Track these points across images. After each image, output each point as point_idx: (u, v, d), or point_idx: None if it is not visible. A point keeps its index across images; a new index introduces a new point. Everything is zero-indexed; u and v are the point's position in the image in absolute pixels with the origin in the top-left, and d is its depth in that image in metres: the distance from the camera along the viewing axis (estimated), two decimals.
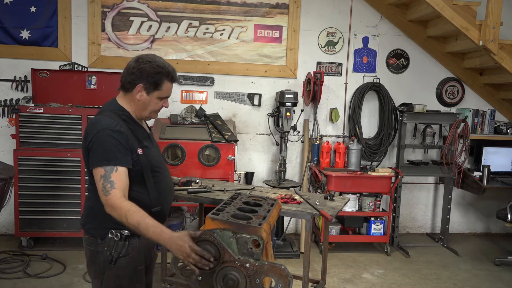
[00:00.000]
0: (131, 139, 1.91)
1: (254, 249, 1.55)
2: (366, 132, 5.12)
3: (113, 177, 1.81)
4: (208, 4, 4.85)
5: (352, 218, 4.76)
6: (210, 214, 1.68)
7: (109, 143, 1.84)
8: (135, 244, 1.93)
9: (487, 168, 4.75)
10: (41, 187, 4.22)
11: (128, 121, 1.96)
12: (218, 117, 4.72)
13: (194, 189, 2.96)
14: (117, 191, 1.79)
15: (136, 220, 1.74)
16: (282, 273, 1.52)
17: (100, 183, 1.81)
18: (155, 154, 2.05)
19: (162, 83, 1.95)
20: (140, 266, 1.99)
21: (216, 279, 1.59)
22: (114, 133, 1.86)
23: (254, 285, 1.55)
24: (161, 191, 2.00)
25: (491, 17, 4.22)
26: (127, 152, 1.88)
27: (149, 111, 2.01)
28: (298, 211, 2.70)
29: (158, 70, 1.93)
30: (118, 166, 1.83)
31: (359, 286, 3.91)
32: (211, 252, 1.60)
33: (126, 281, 1.96)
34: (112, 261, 1.88)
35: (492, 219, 5.40)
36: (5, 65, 4.63)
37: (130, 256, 1.93)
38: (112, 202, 1.78)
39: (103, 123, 1.89)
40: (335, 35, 5.08)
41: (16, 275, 3.73)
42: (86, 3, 4.68)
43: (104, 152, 1.84)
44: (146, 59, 1.95)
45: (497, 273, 4.33)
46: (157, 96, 1.97)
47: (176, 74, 2.01)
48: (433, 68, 5.25)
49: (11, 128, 4.58)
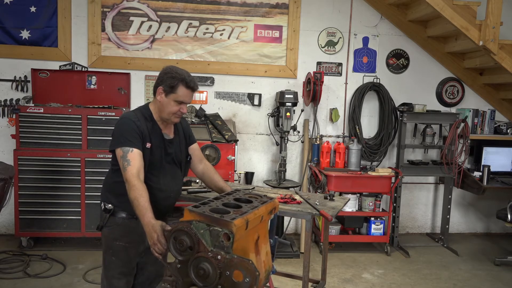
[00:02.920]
0: (144, 133, 2.22)
1: (225, 242, 1.60)
2: (366, 132, 5.12)
3: (129, 156, 2.14)
4: (208, 4, 4.85)
5: (352, 218, 4.76)
6: (189, 207, 1.74)
7: (125, 129, 2.20)
8: (118, 221, 2.28)
9: (487, 168, 4.75)
10: (41, 187, 4.22)
11: (148, 119, 2.29)
12: (218, 117, 4.72)
13: (194, 189, 2.96)
14: (132, 168, 2.11)
15: (134, 196, 2.02)
16: (250, 268, 1.56)
17: (121, 162, 2.15)
18: (161, 155, 2.30)
19: (177, 87, 2.22)
20: (119, 242, 2.29)
21: (190, 267, 1.65)
22: (131, 122, 2.21)
23: (224, 277, 1.60)
24: (151, 187, 2.19)
25: (491, 17, 4.22)
26: (139, 139, 2.20)
27: (167, 113, 2.27)
28: (298, 211, 2.70)
29: (174, 75, 2.23)
30: (134, 148, 2.16)
31: (359, 286, 3.91)
32: (186, 242, 1.67)
33: (105, 250, 2.35)
34: (98, 227, 2.30)
35: (492, 219, 5.40)
36: (5, 65, 4.63)
37: (110, 228, 2.29)
38: (126, 177, 2.10)
39: (125, 115, 2.29)
40: (335, 35, 5.08)
41: (16, 275, 3.73)
42: (86, 3, 4.68)
43: (121, 136, 2.20)
44: (169, 68, 2.28)
45: (497, 273, 4.33)
46: (174, 99, 2.24)
47: (192, 82, 2.25)
48: (433, 68, 5.25)
49: (11, 128, 4.58)
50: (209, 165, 2.62)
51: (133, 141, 2.17)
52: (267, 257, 1.96)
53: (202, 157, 2.62)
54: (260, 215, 1.81)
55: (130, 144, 2.16)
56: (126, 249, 2.31)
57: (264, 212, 1.86)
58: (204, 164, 2.59)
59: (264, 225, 1.96)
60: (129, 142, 2.17)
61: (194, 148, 2.57)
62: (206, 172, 2.56)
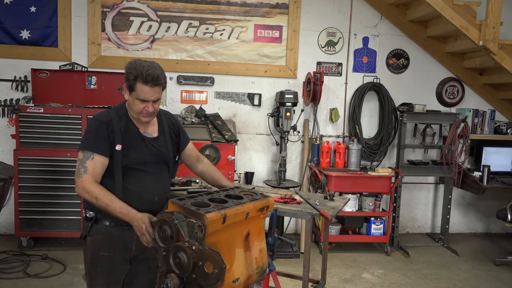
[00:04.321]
0: (115, 133, 2.06)
1: (198, 234, 1.69)
2: (366, 132, 5.12)
3: (88, 163, 2.01)
4: (208, 4, 4.85)
5: (352, 218, 4.76)
6: (173, 199, 1.83)
7: (91, 131, 2.06)
8: (100, 229, 2.12)
9: (487, 168, 4.74)
10: (41, 187, 4.22)
11: (122, 118, 2.13)
12: (218, 117, 4.72)
13: (194, 189, 2.95)
14: (89, 176, 1.99)
15: (106, 202, 1.95)
16: (218, 259, 1.64)
17: (77, 166, 2.02)
18: (139, 155, 2.13)
19: (135, 84, 2.03)
20: (103, 253, 2.13)
21: (170, 255, 1.76)
22: (99, 123, 2.07)
23: (198, 267, 1.69)
24: (129, 189, 2.09)
25: (491, 17, 4.22)
26: (106, 143, 2.04)
27: (134, 112, 2.10)
28: (298, 211, 2.70)
29: (131, 71, 2.03)
30: (95, 154, 2.02)
31: (359, 286, 3.91)
32: (167, 232, 1.77)
33: (88, 261, 2.18)
34: (81, 237, 2.17)
35: (492, 219, 5.40)
36: (5, 65, 4.63)
37: (94, 238, 2.13)
38: (83, 185, 1.98)
39: (96, 115, 2.14)
40: (335, 35, 5.08)
41: (16, 275, 3.73)
42: (86, 3, 4.68)
43: (85, 139, 2.07)
44: (130, 62, 2.08)
45: (497, 273, 4.33)
46: (135, 97, 2.05)
47: (150, 77, 2.01)
48: (433, 68, 5.25)
49: (11, 128, 4.58)
50: (208, 163, 2.48)
51: (96, 146, 2.02)
52: (260, 254, 1.97)
53: (199, 156, 2.46)
54: (245, 212, 1.83)
55: (92, 148, 2.02)
56: (111, 259, 2.14)
57: (251, 209, 1.87)
58: (203, 163, 2.46)
59: (257, 222, 1.97)
60: (91, 147, 2.02)
61: (190, 148, 2.42)
62: (207, 171, 2.44)
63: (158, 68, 2.06)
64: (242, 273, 1.86)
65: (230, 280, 1.78)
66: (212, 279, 1.67)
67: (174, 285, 1.75)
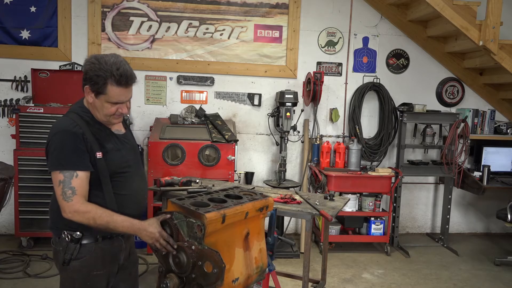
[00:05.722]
0: (91, 142, 1.84)
1: (198, 233, 1.70)
2: (366, 132, 5.12)
3: (74, 183, 1.78)
4: (208, 4, 4.85)
5: (352, 218, 4.75)
6: (172, 199, 1.84)
7: (65, 146, 1.79)
8: (90, 248, 1.90)
9: (487, 168, 4.74)
10: (41, 187, 4.22)
11: (90, 123, 1.88)
12: (218, 117, 4.72)
13: (194, 189, 2.96)
14: (79, 197, 1.79)
15: (106, 220, 1.79)
16: (217, 259, 1.65)
17: (59, 188, 1.78)
18: (121, 156, 1.96)
19: (105, 86, 1.80)
20: (96, 271, 1.94)
21: (170, 255, 1.78)
22: (71, 135, 1.80)
23: (197, 267, 1.70)
24: (122, 196, 1.94)
25: (491, 17, 4.22)
26: (86, 156, 1.82)
27: (103, 115, 1.88)
28: (298, 211, 2.70)
29: (98, 73, 1.79)
30: (78, 171, 1.80)
31: (359, 286, 3.91)
32: (166, 231, 1.78)
33: (79, 285, 1.93)
34: (64, 263, 1.88)
35: (492, 219, 5.40)
36: (5, 65, 4.63)
37: (84, 259, 1.90)
38: (76, 208, 1.78)
39: (61, 125, 1.84)
40: (335, 35, 5.08)
41: (16, 275, 3.73)
42: (86, 3, 4.68)
43: (60, 156, 1.79)
44: (93, 59, 1.82)
45: (497, 273, 4.33)
46: (106, 100, 1.83)
47: (124, 77, 1.81)
48: (433, 68, 5.25)
49: (11, 128, 4.58)
50: None
51: (76, 162, 1.79)
52: (260, 254, 1.98)
53: None
54: (244, 211, 1.84)
55: (73, 166, 1.78)
56: (106, 276, 1.97)
57: (250, 208, 1.87)
58: None
59: (257, 222, 1.97)
60: (71, 164, 1.78)
61: None
62: None
63: (126, 64, 1.85)
64: (241, 272, 1.86)
65: (230, 280, 1.79)
66: (211, 279, 1.68)
67: (173, 285, 1.75)
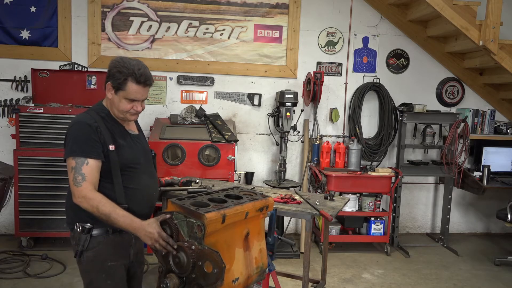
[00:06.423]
0: (105, 134, 1.95)
1: (198, 233, 1.70)
2: (366, 132, 5.12)
3: (84, 169, 1.89)
4: (208, 4, 4.85)
5: (352, 218, 4.75)
6: (172, 199, 1.83)
7: (79, 135, 1.93)
8: (100, 239, 1.97)
9: (487, 168, 4.74)
10: (41, 187, 4.22)
11: (106, 119, 2.02)
12: (218, 117, 4.71)
13: (194, 189, 2.96)
14: (88, 183, 1.87)
15: (108, 211, 1.84)
16: (217, 259, 1.65)
17: (71, 174, 1.90)
18: (132, 153, 2.05)
19: (126, 83, 1.96)
20: (110, 262, 1.99)
21: (169, 255, 1.78)
22: (86, 126, 1.93)
23: (197, 267, 1.70)
24: (131, 189, 2.00)
25: (491, 17, 4.22)
26: (98, 145, 1.93)
27: (119, 111, 2.02)
28: (298, 211, 2.70)
29: (121, 70, 1.96)
30: (89, 159, 1.90)
31: (359, 286, 3.91)
32: (166, 231, 1.78)
33: (95, 276, 1.98)
34: (76, 255, 1.95)
35: (492, 219, 5.40)
36: (5, 65, 4.63)
37: (96, 250, 1.96)
38: (84, 193, 1.86)
39: (78, 118, 2.00)
40: (335, 35, 5.08)
41: (16, 275, 3.73)
42: (86, 3, 4.68)
43: (74, 144, 1.93)
44: (117, 60, 2.02)
45: (497, 273, 4.33)
46: (124, 96, 1.98)
47: (144, 77, 1.97)
48: (433, 68, 5.25)
49: (11, 128, 4.58)
50: None
51: (88, 150, 1.90)
52: (260, 254, 1.98)
53: None
54: (244, 211, 1.84)
55: (85, 154, 1.90)
56: (121, 267, 2.04)
57: (250, 208, 1.87)
58: None
59: (257, 222, 1.97)
60: (83, 152, 1.90)
61: None
62: None
63: (147, 68, 2.03)
64: (241, 273, 1.86)
65: (230, 280, 1.79)
66: (211, 279, 1.68)
67: (173, 285, 1.76)
